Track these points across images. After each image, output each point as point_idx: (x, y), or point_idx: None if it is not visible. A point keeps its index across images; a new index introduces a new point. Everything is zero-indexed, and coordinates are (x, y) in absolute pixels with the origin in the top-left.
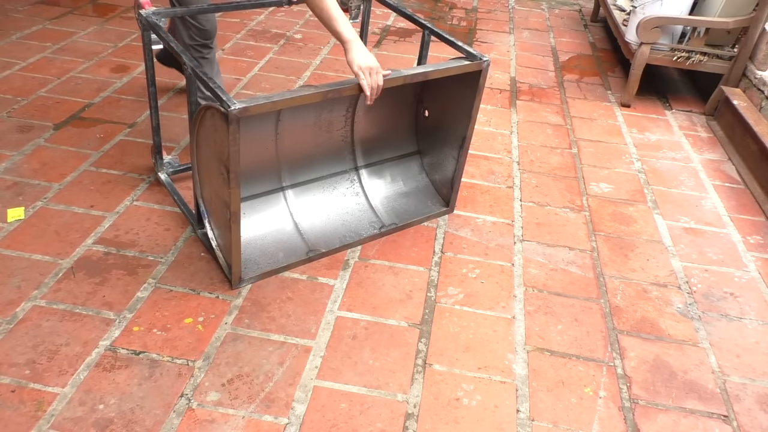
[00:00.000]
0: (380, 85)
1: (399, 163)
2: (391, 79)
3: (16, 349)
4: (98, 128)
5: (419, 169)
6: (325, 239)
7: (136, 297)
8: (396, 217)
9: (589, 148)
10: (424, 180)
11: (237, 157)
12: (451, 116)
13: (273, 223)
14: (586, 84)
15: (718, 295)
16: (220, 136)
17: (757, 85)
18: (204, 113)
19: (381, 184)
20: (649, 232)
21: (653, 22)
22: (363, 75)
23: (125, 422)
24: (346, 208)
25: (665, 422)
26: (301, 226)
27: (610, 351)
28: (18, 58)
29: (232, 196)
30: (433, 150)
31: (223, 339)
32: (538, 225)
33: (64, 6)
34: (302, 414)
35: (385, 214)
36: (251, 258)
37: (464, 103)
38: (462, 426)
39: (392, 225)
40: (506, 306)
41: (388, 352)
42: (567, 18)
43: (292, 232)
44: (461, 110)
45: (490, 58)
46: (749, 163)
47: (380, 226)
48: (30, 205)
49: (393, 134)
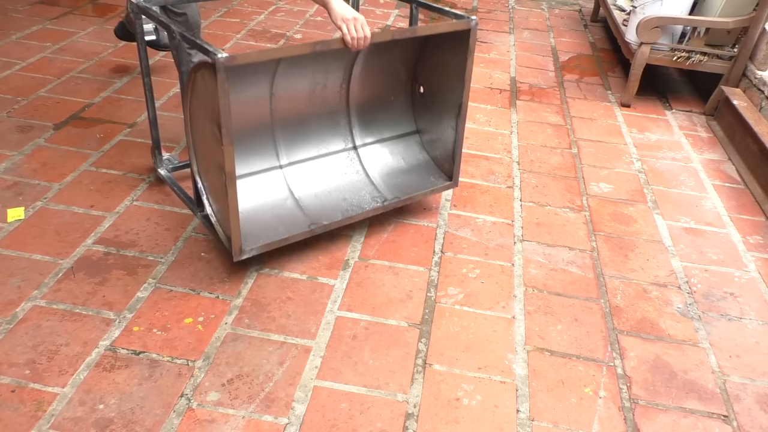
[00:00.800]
0: (367, 36)
1: (398, 142)
2: (380, 35)
3: (16, 349)
4: (98, 128)
5: (419, 148)
6: (327, 213)
7: (136, 297)
8: (399, 192)
9: (589, 148)
10: (425, 157)
11: (228, 111)
12: (446, 87)
13: (272, 201)
14: (586, 84)
15: (718, 295)
16: (210, 93)
17: (757, 85)
18: (194, 77)
19: (381, 162)
20: (649, 232)
21: (653, 22)
22: (345, 26)
23: (125, 422)
24: (347, 185)
25: (665, 422)
26: (302, 201)
27: (610, 351)
28: (18, 58)
29: (225, 155)
30: (431, 126)
31: (223, 339)
32: (538, 225)
33: (64, 6)
34: (302, 414)
35: (387, 189)
36: (251, 232)
37: (456, 69)
38: (462, 426)
39: (395, 199)
40: (506, 306)
41: (388, 352)
42: (567, 18)
43: (292, 207)
44: (455, 78)
45: (490, 58)
46: (749, 163)
47: (383, 200)
48: (30, 205)
49: (390, 113)
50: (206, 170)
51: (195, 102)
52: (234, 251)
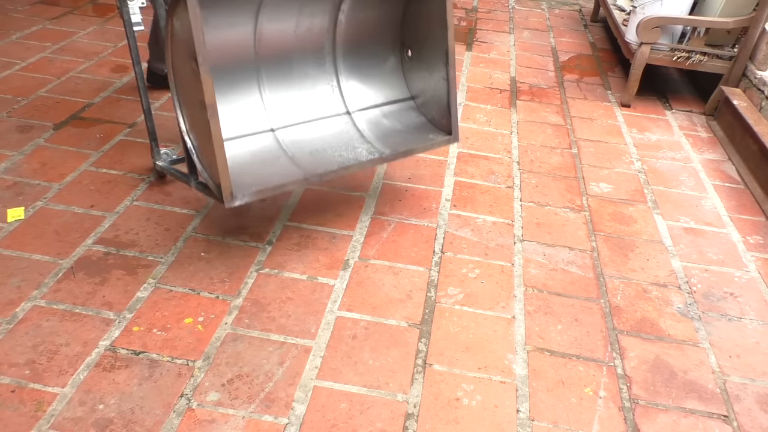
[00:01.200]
0: None
1: (393, 108)
2: None
3: (16, 349)
4: (98, 128)
5: (416, 113)
6: (323, 167)
7: (136, 297)
8: (397, 148)
9: (589, 148)
10: (421, 120)
11: (201, 39)
12: (431, 39)
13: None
14: (586, 84)
15: (718, 295)
16: (185, 29)
17: (757, 85)
18: (171, 23)
19: (377, 124)
20: (649, 232)
21: (653, 22)
22: None
23: (125, 422)
24: (342, 144)
25: (665, 422)
26: (296, 159)
27: (610, 351)
28: (18, 58)
29: (205, 88)
30: (423, 86)
31: (223, 339)
32: (538, 225)
33: (64, 6)
34: (302, 414)
35: (384, 146)
36: (243, 183)
37: (438, 18)
38: (462, 426)
39: (393, 152)
40: (506, 306)
41: (388, 352)
42: (567, 18)
43: (286, 163)
44: (438, 28)
45: (490, 58)
46: (749, 163)
47: (380, 153)
48: (30, 205)
49: (381, 80)
50: (193, 125)
51: (176, 51)
52: (225, 196)
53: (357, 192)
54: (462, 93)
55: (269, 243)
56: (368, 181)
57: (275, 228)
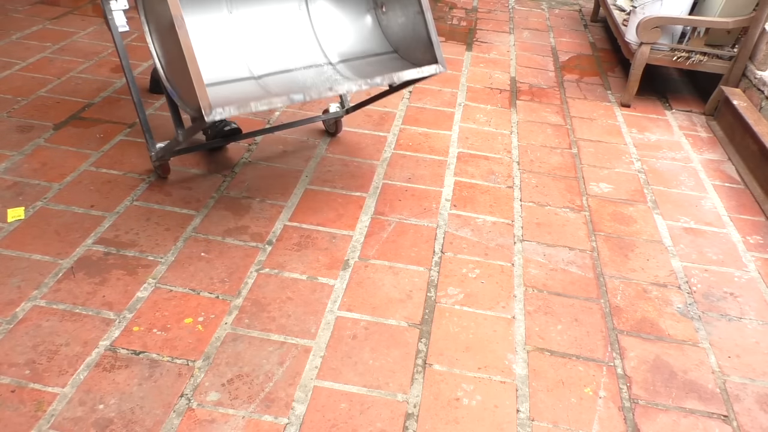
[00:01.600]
0: None
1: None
2: None
3: (16, 349)
4: (98, 128)
5: (401, 63)
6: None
7: (136, 297)
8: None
9: (589, 148)
10: (407, 65)
11: None
12: None
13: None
14: (586, 84)
15: (718, 295)
16: None
17: (757, 85)
18: None
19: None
20: (649, 232)
21: (653, 22)
22: None
23: (125, 422)
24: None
25: (665, 422)
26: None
27: (610, 351)
28: (18, 58)
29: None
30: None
31: (223, 339)
32: (538, 225)
33: (64, 6)
34: (302, 414)
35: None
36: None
37: None
38: (462, 426)
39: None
40: (506, 306)
41: (388, 352)
42: (567, 18)
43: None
44: None
45: (490, 58)
46: (749, 163)
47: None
48: (30, 205)
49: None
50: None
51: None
52: (203, 107)
53: (357, 192)
54: (462, 93)
55: (269, 243)
56: (368, 181)
57: (275, 228)
